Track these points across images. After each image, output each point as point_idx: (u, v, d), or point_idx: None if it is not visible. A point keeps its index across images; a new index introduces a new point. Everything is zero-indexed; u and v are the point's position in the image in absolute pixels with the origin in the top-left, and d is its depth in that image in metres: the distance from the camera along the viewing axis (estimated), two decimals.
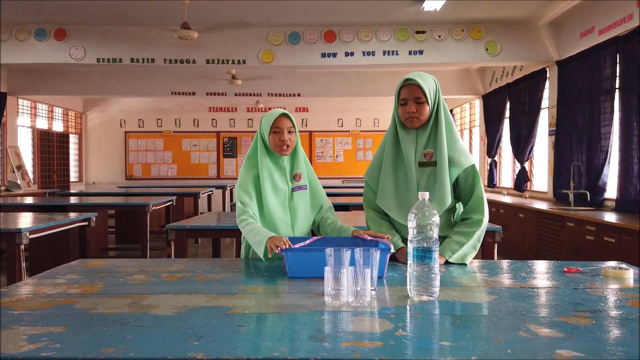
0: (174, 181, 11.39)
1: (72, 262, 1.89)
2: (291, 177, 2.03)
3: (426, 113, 1.84)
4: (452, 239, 1.83)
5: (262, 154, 1.99)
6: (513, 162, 7.60)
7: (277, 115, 1.96)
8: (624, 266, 1.67)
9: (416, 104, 1.82)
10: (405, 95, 1.83)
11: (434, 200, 1.82)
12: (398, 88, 1.87)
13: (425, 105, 1.82)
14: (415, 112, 1.82)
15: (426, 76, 1.86)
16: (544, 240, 5.15)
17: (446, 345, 1.00)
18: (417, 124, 1.85)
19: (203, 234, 3.58)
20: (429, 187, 1.84)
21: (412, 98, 1.82)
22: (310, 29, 6.54)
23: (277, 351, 0.96)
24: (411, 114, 1.82)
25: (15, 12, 5.97)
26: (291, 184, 2.02)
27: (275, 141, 1.96)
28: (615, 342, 1.01)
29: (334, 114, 11.54)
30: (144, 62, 6.56)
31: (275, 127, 1.95)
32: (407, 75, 1.85)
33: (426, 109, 1.83)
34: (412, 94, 1.82)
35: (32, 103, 9.33)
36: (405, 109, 1.84)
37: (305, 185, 2.05)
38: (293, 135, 1.99)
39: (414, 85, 1.81)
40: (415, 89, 1.81)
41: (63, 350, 0.96)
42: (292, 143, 1.98)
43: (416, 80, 1.81)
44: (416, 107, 1.82)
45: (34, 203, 5.31)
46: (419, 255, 1.33)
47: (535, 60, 6.39)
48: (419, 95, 1.81)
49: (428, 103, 1.82)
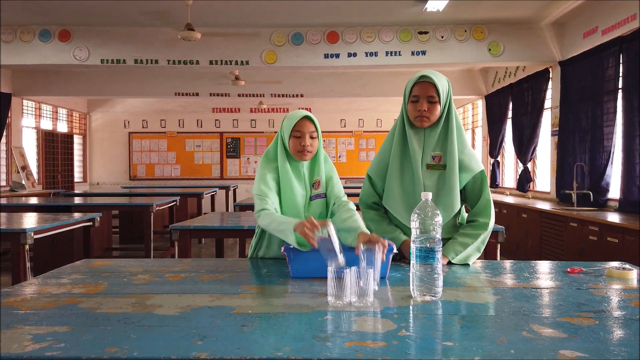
0: (178, 181, 11.41)
1: (77, 262, 1.89)
2: (310, 185, 1.91)
3: (437, 113, 1.79)
4: (456, 240, 1.81)
5: (282, 157, 1.86)
6: (516, 162, 7.58)
7: (299, 118, 1.83)
8: (627, 266, 1.66)
9: (428, 103, 1.77)
10: (418, 92, 1.78)
11: (442, 205, 1.79)
12: (411, 84, 1.81)
13: (437, 104, 1.77)
14: (427, 111, 1.77)
15: (440, 75, 1.81)
16: (547, 240, 5.13)
17: (449, 345, 1.00)
18: (427, 123, 1.80)
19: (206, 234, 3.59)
20: (437, 191, 1.81)
21: (425, 96, 1.77)
22: (313, 29, 6.55)
23: (280, 351, 0.96)
24: (422, 113, 1.77)
25: (20, 13, 6.00)
26: (310, 192, 1.91)
27: (296, 146, 1.83)
28: (619, 343, 1.01)
29: (337, 115, 11.54)
30: (148, 63, 6.58)
31: (297, 131, 1.82)
32: (422, 72, 1.79)
33: (437, 108, 1.78)
34: (425, 92, 1.77)
35: (37, 104, 9.36)
36: (416, 106, 1.78)
37: (323, 193, 1.93)
38: (315, 141, 1.85)
39: (429, 83, 1.76)
40: (429, 87, 1.76)
41: (67, 350, 0.97)
42: (313, 149, 1.85)
43: (431, 77, 1.76)
44: (428, 106, 1.77)
45: (39, 203, 5.33)
46: (422, 256, 1.33)
47: (538, 60, 6.38)
48: (432, 93, 1.76)
49: (440, 103, 1.78)
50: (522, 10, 5.91)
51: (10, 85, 8.36)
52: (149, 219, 5.17)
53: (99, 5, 5.76)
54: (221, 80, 9.03)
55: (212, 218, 3.87)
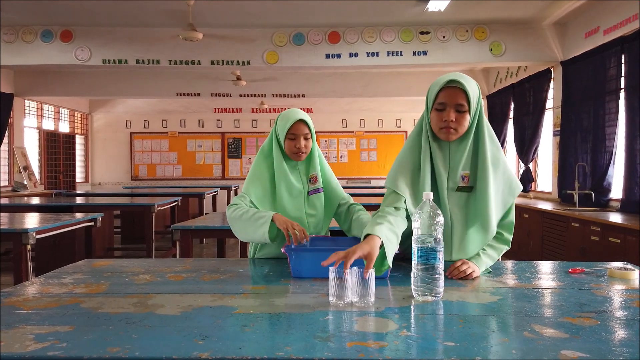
0: (179, 182, 11.42)
1: (78, 262, 1.89)
2: (307, 180, 1.95)
3: (466, 124, 1.54)
4: (486, 253, 1.65)
5: (278, 155, 1.90)
6: (517, 162, 7.57)
7: (294, 122, 1.85)
8: (629, 267, 1.66)
9: (456, 112, 1.52)
10: (445, 99, 1.52)
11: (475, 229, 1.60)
12: (436, 90, 1.55)
13: (466, 114, 1.53)
14: (454, 122, 1.52)
15: (470, 79, 1.55)
16: (549, 240, 5.13)
17: (450, 345, 1.00)
18: (455, 136, 1.55)
19: (208, 234, 3.60)
20: (466, 215, 1.60)
21: (453, 104, 1.52)
22: (315, 29, 6.55)
23: (281, 351, 0.96)
24: (449, 124, 1.52)
25: (22, 13, 6.01)
26: (307, 187, 1.94)
27: (291, 147, 1.87)
28: (621, 343, 1.01)
29: (338, 115, 11.54)
30: (149, 64, 6.59)
31: (291, 134, 1.86)
32: (449, 76, 1.54)
33: (467, 119, 1.53)
34: (453, 99, 1.52)
35: (39, 104, 9.38)
36: (442, 116, 1.53)
37: (321, 188, 1.97)
38: (309, 142, 1.90)
39: (458, 89, 1.52)
40: (458, 94, 1.51)
41: (69, 350, 0.97)
42: (307, 150, 1.90)
43: (461, 82, 1.51)
44: (456, 116, 1.52)
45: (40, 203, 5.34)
46: (423, 256, 1.32)
47: (540, 60, 6.37)
48: (462, 101, 1.51)
49: (470, 112, 1.53)
50: (524, 10, 5.90)
51: (12, 85, 8.38)
52: (151, 219, 5.18)
53: (100, 6, 5.77)
54: (223, 80, 9.04)
55: (214, 218, 3.87)
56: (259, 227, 1.76)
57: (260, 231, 1.76)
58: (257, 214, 1.79)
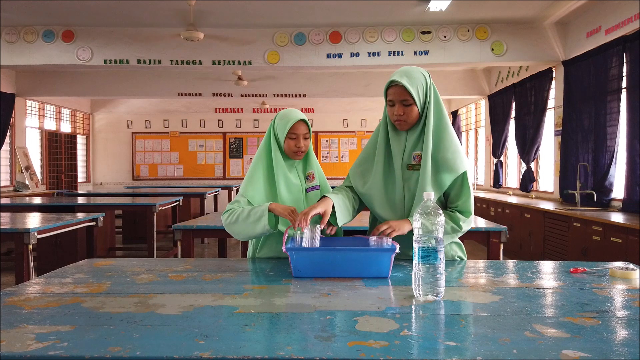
0: (181, 182, 11.44)
1: (80, 261, 1.90)
2: (304, 177, 1.99)
3: (414, 115, 1.72)
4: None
5: (277, 154, 1.92)
6: (519, 162, 7.57)
7: (295, 122, 1.89)
8: (631, 266, 1.66)
9: (403, 107, 1.71)
10: (392, 96, 1.72)
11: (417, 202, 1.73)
12: (385, 88, 1.75)
13: (413, 107, 1.71)
14: (403, 115, 1.71)
15: (414, 73, 1.72)
16: (550, 240, 5.12)
17: (452, 345, 1.00)
18: (405, 126, 1.75)
19: (209, 234, 3.59)
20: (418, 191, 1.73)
21: (399, 100, 1.70)
22: (316, 29, 6.55)
23: (282, 350, 0.96)
24: (398, 117, 1.72)
25: (23, 13, 6.02)
26: (305, 184, 1.99)
27: (291, 147, 1.90)
28: (622, 343, 1.01)
29: (340, 115, 11.55)
30: (151, 64, 6.59)
31: (292, 133, 1.89)
32: (393, 76, 1.71)
33: (414, 110, 1.72)
34: (398, 96, 1.70)
35: (40, 104, 9.40)
36: (392, 110, 1.74)
37: (318, 185, 2.01)
38: (308, 141, 1.94)
39: (400, 86, 1.69)
40: (401, 91, 1.69)
41: (70, 349, 0.97)
42: (306, 149, 1.95)
43: (401, 82, 1.68)
44: (403, 110, 1.71)
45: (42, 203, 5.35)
46: (425, 255, 1.32)
47: (541, 60, 6.36)
48: (406, 97, 1.69)
49: (416, 104, 1.71)
50: (526, 10, 5.89)
51: (14, 85, 8.39)
52: (152, 218, 5.18)
53: (102, 6, 5.78)
54: (224, 80, 9.04)
55: (215, 218, 3.87)
56: (258, 221, 1.79)
57: (260, 224, 1.79)
58: (252, 211, 1.82)
